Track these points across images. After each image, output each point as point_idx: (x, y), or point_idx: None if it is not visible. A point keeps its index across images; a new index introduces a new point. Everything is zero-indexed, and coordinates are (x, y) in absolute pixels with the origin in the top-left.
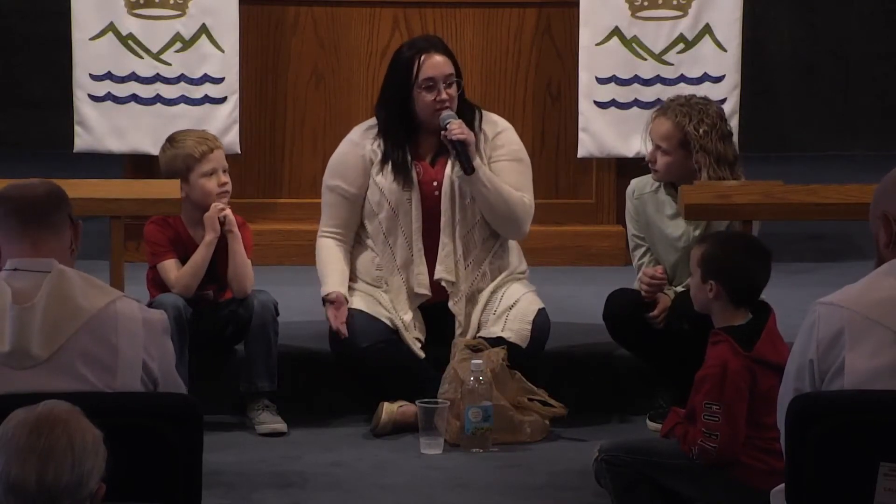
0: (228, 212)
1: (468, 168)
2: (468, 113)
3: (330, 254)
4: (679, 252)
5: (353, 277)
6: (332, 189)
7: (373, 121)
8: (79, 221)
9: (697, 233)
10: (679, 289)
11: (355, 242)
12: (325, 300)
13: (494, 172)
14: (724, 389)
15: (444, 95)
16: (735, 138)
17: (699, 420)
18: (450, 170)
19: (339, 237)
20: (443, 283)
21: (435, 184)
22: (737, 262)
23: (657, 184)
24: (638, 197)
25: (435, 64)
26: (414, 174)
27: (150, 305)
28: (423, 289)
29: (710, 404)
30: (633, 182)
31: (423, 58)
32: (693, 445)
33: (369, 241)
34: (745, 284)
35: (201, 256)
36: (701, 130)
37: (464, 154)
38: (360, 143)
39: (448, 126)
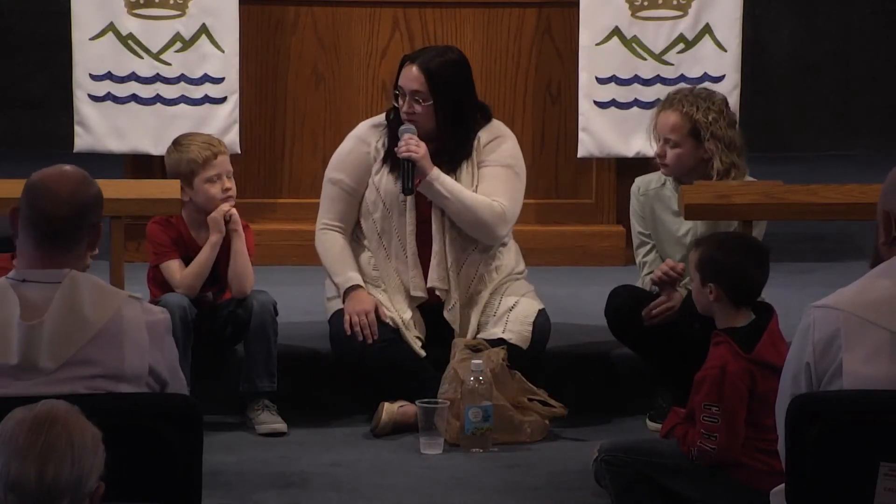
0: (234, 211)
1: (406, 188)
2: (454, 130)
3: (336, 245)
4: (686, 249)
5: None
6: (334, 182)
7: (379, 118)
8: (100, 225)
9: (705, 228)
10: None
11: (353, 241)
12: (347, 292)
13: (480, 178)
14: (722, 391)
15: (405, 107)
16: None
17: (698, 421)
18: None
19: (340, 230)
20: (437, 292)
21: None
22: (734, 263)
23: (662, 180)
24: (643, 193)
25: (405, 74)
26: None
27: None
28: (419, 291)
29: (709, 405)
30: (638, 180)
31: (404, 65)
32: (692, 446)
33: (364, 241)
34: (744, 285)
35: (205, 257)
36: (710, 117)
37: (408, 172)
38: (365, 139)
39: (400, 140)
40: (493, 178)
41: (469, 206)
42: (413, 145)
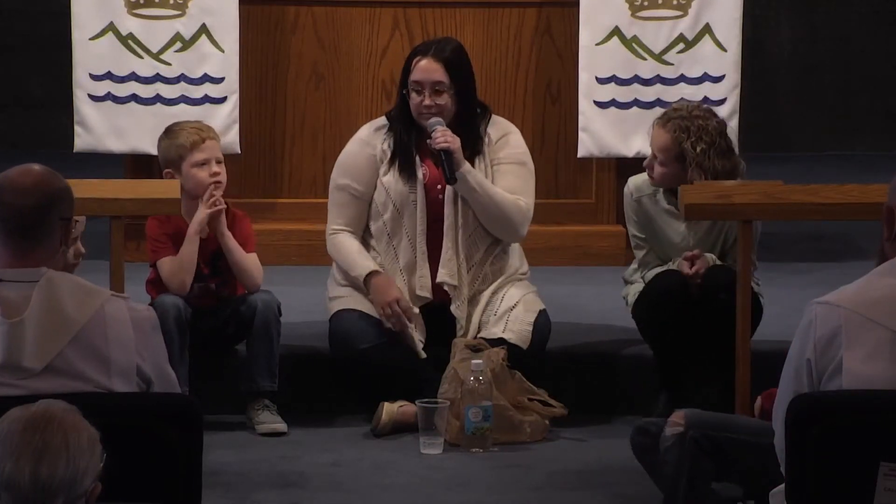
0: (222, 202)
1: (449, 178)
2: (469, 119)
3: (352, 244)
4: (681, 253)
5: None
6: (342, 188)
7: (382, 120)
8: (68, 220)
9: (702, 235)
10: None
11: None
12: (368, 280)
13: (495, 175)
14: None
15: (427, 101)
16: (735, 141)
17: None
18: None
19: (351, 234)
20: (445, 287)
21: (439, 187)
22: None
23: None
24: (636, 199)
25: (423, 68)
26: (420, 175)
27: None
28: (425, 292)
29: None
30: (631, 181)
31: (416, 60)
32: None
33: (373, 242)
34: None
35: (187, 251)
36: (698, 149)
37: (447, 162)
38: (369, 141)
39: (433, 133)
40: (512, 176)
41: (498, 202)
42: (449, 136)
